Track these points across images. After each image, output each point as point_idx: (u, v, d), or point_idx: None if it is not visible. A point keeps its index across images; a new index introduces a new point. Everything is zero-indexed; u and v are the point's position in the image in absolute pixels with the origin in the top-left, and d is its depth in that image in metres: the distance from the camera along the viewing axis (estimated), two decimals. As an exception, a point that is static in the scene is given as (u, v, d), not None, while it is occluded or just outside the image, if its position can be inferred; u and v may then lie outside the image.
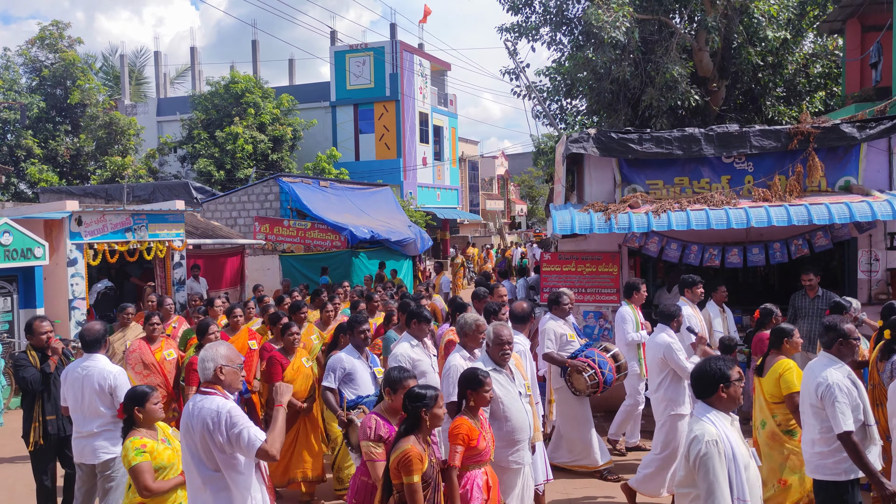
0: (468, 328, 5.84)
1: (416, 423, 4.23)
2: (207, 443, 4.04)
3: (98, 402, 5.57)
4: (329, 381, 6.13)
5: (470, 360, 5.78)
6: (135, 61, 42.39)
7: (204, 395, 4.16)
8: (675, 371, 6.65)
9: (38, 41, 28.00)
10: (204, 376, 4.21)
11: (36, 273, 11.64)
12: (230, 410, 4.06)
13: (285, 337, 7.01)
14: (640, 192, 9.77)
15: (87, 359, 5.69)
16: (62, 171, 27.93)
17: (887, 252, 9.36)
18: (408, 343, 6.40)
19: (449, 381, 5.53)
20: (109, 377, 5.58)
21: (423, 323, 6.45)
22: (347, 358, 6.20)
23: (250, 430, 4.04)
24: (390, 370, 4.90)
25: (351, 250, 17.67)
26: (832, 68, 17.06)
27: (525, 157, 51.05)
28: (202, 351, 4.30)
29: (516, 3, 16.56)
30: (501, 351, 5.39)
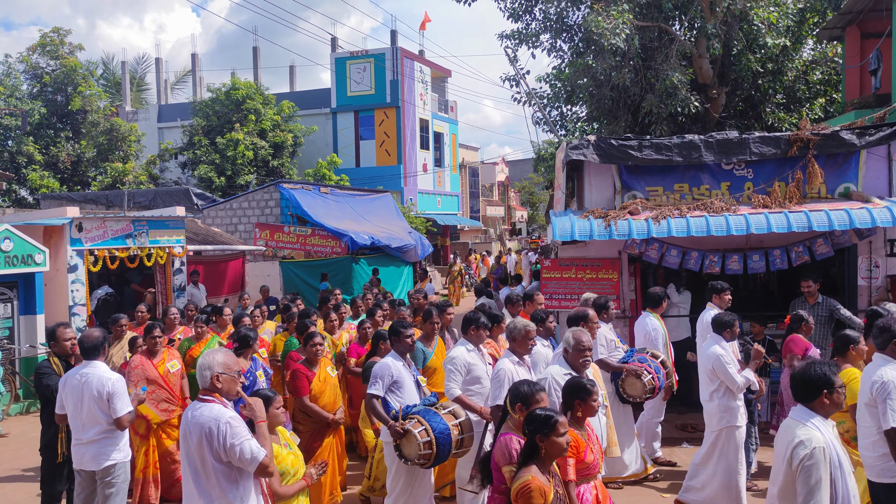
0: (517, 333, 5.69)
1: (536, 450, 3.85)
2: (204, 451, 4.02)
3: (96, 409, 5.53)
4: (376, 389, 5.84)
5: (519, 365, 5.70)
6: (136, 68, 42.53)
7: (203, 402, 4.15)
8: None
9: (40, 48, 28.06)
10: (202, 384, 4.21)
11: (36, 279, 11.65)
12: (230, 420, 4.04)
13: (308, 347, 6.69)
14: (640, 198, 9.79)
15: (85, 366, 5.65)
16: (63, 178, 27.96)
17: (887, 259, 9.36)
18: (464, 347, 6.28)
19: (498, 383, 5.52)
20: (108, 384, 5.54)
21: (480, 329, 6.30)
22: (395, 364, 5.96)
23: (251, 443, 4.02)
24: (520, 384, 4.46)
25: (351, 256, 17.67)
26: (832, 75, 17.09)
27: (525, 164, 51.09)
28: (200, 358, 4.28)
29: (517, 10, 16.62)
30: (582, 357, 5.29)
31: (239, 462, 4.01)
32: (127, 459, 5.75)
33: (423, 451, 5.32)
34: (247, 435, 4.04)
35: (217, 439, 3.98)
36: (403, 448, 5.46)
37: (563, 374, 5.32)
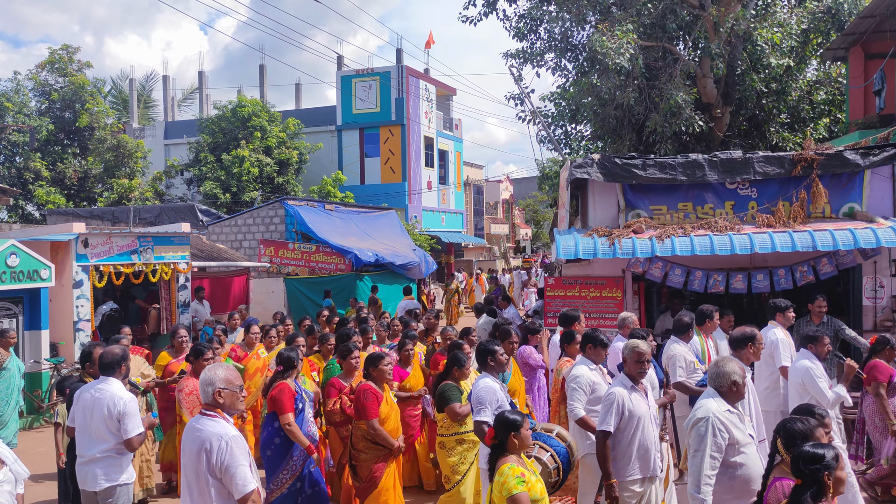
0: (626, 354, 5.37)
1: (821, 492, 3.46)
2: (202, 465, 4.03)
3: (104, 427, 5.42)
4: (485, 415, 5.42)
5: (633, 390, 5.30)
6: (143, 85, 42.83)
7: (205, 416, 4.16)
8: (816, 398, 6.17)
9: (48, 65, 28.30)
10: (204, 399, 4.21)
11: (42, 295, 11.68)
12: (231, 441, 4.04)
13: (379, 368, 6.23)
14: (644, 217, 9.80)
15: (101, 381, 5.56)
16: (69, 194, 28.10)
17: (892, 279, 9.34)
18: (586, 366, 6.03)
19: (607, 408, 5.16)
20: (119, 403, 5.42)
21: (598, 347, 6.08)
22: (496, 387, 5.65)
23: (245, 471, 4.02)
24: (793, 422, 4.03)
25: (355, 273, 17.69)
26: (836, 95, 17.13)
27: (530, 182, 51.18)
28: (203, 373, 4.29)
29: (522, 30, 16.74)
30: (640, 368, 5.21)
31: (228, 485, 4.01)
32: (130, 482, 5.62)
33: (553, 477, 5.07)
34: (244, 462, 4.04)
35: (216, 456, 3.99)
36: None
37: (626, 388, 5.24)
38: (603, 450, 5.12)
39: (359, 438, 6.16)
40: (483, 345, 6.01)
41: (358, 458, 6.16)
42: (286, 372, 6.34)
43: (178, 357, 8.27)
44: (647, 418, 5.25)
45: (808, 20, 15.66)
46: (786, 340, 7.32)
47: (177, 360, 8.24)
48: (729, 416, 4.62)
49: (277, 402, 6.08)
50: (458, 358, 6.24)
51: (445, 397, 6.08)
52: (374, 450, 6.11)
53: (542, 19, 16.43)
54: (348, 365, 6.69)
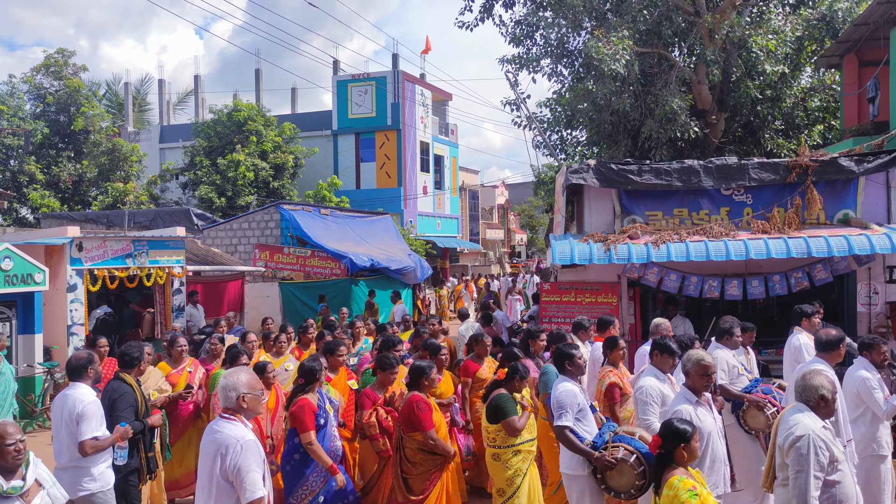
0: (691, 367, 5.08)
1: None
2: (216, 467, 4.04)
3: (66, 432, 5.28)
4: (567, 420, 5.41)
5: (699, 405, 5.07)
6: (138, 89, 42.77)
7: (225, 419, 4.18)
8: None
9: (44, 68, 28.27)
10: (226, 403, 4.21)
11: (35, 298, 11.63)
12: (245, 445, 4.04)
13: (423, 380, 6.07)
14: (640, 222, 9.82)
15: (70, 387, 5.48)
16: (64, 197, 28.04)
17: (886, 285, 9.38)
18: (654, 377, 5.78)
19: None
20: (79, 405, 5.29)
21: (665, 354, 5.84)
22: (577, 391, 5.58)
23: (256, 476, 4.03)
24: None
25: (350, 278, 17.66)
26: (830, 102, 17.21)
27: (525, 187, 51.26)
28: (223, 378, 4.28)
29: (518, 36, 16.77)
30: (706, 382, 4.99)
31: (238, 489, 4.01)
32: (106, 489, 5.42)
33: (639, 480, 4.90)
34: (256, 468, 4.04)
35: (230, 458, 4.00)
36: (612, 479, 5.04)
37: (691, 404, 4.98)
38: None
39: (413, 451, 5.92)
40: (561, 349, 5.92)
41: (412, 472, 5.95)
42: (307, 385, 6.01)
43: (177, 367, 7.79)
44: (715, 433, 5.04)
45: (802, 27, 15.74)
46: (810, 345, 7.18)
47: (177, 370, 7.76)
48: (825, 433, 4.50)
49: (297, 419, 5.83)
50: (519, 369, 6.03)
51: (502, 409, 5.87)
52: (431, 460, 5.93)
53: (539, 25, 16.47)
54: (384, 377, 6.37)
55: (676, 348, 5.87)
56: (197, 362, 8.03)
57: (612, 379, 6.51)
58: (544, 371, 6.76)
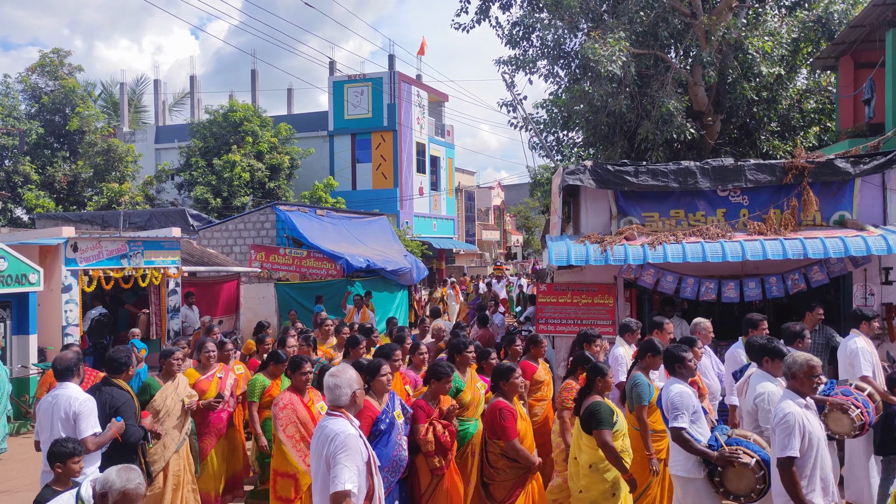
0: (798, 369, 4.88)
1: None
2: (319, 461, 4.19)
3: (61, 430, 5.24)
4: (683, 421, 5.35)
5: (808, 409, 4.88)
6: (134, 89, 42.69)
7: (332, 416, 4.31)
8: None
9: (39, 68, 28.19)
10: (338, 401, 4.33)
11: (30, 299, 11.58)
12: (346, 438, 4.15)
13: (511, 382, 5.85)
14: (636, 224, 9.81)
15: (58, 387, 5.46)
16: (59, 198, 27.94)
17: (882, 287, 9.38)
18: (770, 382, 5.64)
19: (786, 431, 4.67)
20: (75, 403, 5.30)
21: (776, 359, 5.70)
22: (691, 392, 5.50)
23: (349, 472, 4.09)
24: None
25: (346, 279, 17.63)
26: (826, 104, 17.24)
27: (521, 188, 51.30)
28: (333, 377, 4.36)
29: (514, 37, 16.78)
30: (814, 384, 4.84)
31: (330, 476, 4.11)
32: None
33: (759, 484, 4.81)
34: (349, 463, 4.10)
35: (330, 446, 4.14)
36: (730, 482, 4.98)
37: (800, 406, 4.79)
38: (791, 478, 4.63)
39: (496, 457, 5.74)
40: (671, 351, 5.82)
41: (495, 478, 5.75)
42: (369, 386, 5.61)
43: (206, 374, 7.33)
44: (822, 440, 4.85)
45: (798, 29, 15.78)
46: (867, 349, 7.13)
47: (206, 376, 7.31)
48: None
49: None
50: (601, 369, 5.84)
51: (598, 418, 5.60)
52: (515, 469, 5.72)
53: (535, 27, 16.48)
54: (439, 386, 5.94)
55: (787, 351, 5.65)
56: (227, 368, 7.63)
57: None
58: (636, 382, 6.43)
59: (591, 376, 5.83)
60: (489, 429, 5.79)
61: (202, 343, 7.49)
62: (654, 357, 6.41)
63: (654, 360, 6.44)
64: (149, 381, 6.71)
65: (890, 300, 9.35)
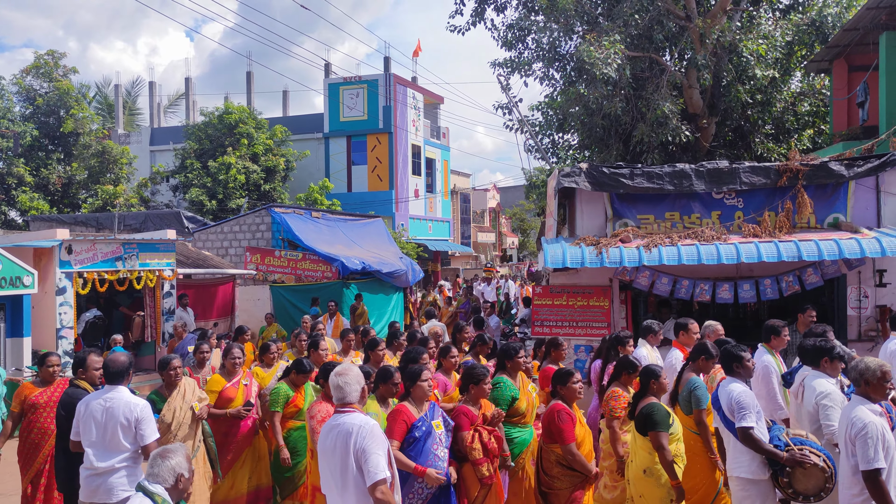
0: (871, 375, 4.76)
1: None
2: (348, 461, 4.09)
3: (122, 435, 5.27)
4: (750, 421, 5.28)
5: (883, 416, 4.75)
6: (129, 91, 42.61)
7: (342, 412, 4.27)
8: None
9: (33, 70, 28.12)
10: (348, 398, 4.30)
11: (24, 301, 11.53)
12: (372, 427, 4.15)
13: (568, 386, 5.75)
14: (632, 226, 9.83)
15: (109, 390, 5.40)
16: (53, 200, 27.87)
17: (876, 289, 9.42)
18: (826, 380, 5.59)
19: (868, 442, 4.54)
20: (136, 409, 5.30)
21: (835, 361, 5.68)
22: (751, 392, 5.50)
23: (381, 460, 4.07)
24: None
25: (342, 281, 17.61)
26: (820, 107, 17.31)
27: (517, 190, 51.32)
28: (340, 375, 4.34)
29: (509, 39, 16.81)
30: (886, 390, 4.73)
31: (364, 468, 4.06)
32: None
33: (829, 483, 4.77)
34: (379, 451, 4.09)
35: (355, 441, 4.09)
36: (798, 482, 4.94)
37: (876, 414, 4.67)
38: (881, 489, 4.50)
39: (552, 464, 5.59)
40: (729, 350, 5.76)
41: (552, 486, 5.59)
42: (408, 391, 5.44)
43: (232, 380, 7.09)
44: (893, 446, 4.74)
45: (792, 32, 15.84)
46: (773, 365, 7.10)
47: (232, 383, 7.07)
48: None
49: (388, 425, 5.24)
50: (654, 371, 5.78)
51: (653, 420, 5.52)
52: (571, 476, 5.54)
53: (531, 29, 16.51)
54: (479, 390, 5.73)
55: (843, 353, 5.71)
56: (251, 374, 7.43)
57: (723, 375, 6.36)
58: (696, 385, 6.27)
59: (645, 379, 5.77)
60: (545, 433, 5.62)
61: (229, 348, 7.25)
62: (707, 360, 6.31)
63: (706, 363, 6.35)
64: (152, 397, 6.47)
65: (884, 302, 9.39)
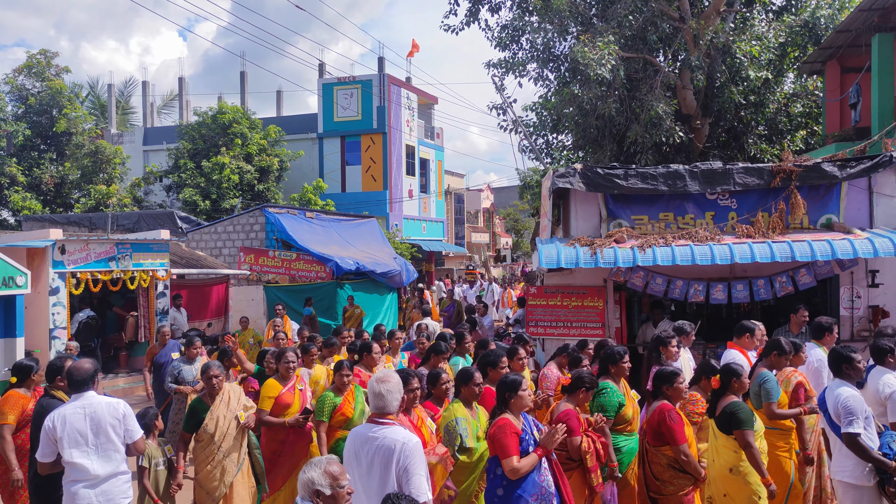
0: None
1: None
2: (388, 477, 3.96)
3: (114, 436, 5.10)
4: (857, 427, 5.19)
5: None
6: (122, 91, 42.48)
7: (380, 423, 4.12)
8: None
9: (26, 69, 28.02)
10: (388, 408, 4.16)
11: (17, 302, 11.47)
12: (417, 446, 4.01)
13: (675, 387, 5.59)
14: (626, 227, 9.86)
15: (79, 398, 5.09)
16: (46, 200, 27.76)
17: (869, 289, 9.47)
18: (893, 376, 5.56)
19: None
20: (119, 406, 5.13)
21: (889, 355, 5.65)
22: (860, 396, 5.37)
23: (422, 480, 3.95)
24: None
25: (336, 282, 17.60)
26: (812, 108, 17.38)
27: (511, 191, 51.37)
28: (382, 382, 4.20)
29: (504, 40, 16.81)
30: None
31: (405, 489, 3.93)
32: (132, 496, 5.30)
33: None
34: (422, 471, 3.97)
35: (398, 459, 3.96)
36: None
37: None
38: None
39: (663, 468, 5.38)
40: (838, 351, 5.67)
41: (663, 490, 5.40)
42: (503, 403, 5.04)
43: (288, 385, 6.76)
44: None
45: (785, 34, 15.90)
46: None
47: (288, 388, 6.73)
48: None
49: (498, 442, 4.80)
50: (735, 370, 5.65)
51: (739, 418, 5.41)
52: (682, 479, 5.37)
53: (525, 30, 16.52)
54: (587, 396, 5.58)
55: None
56: (303, 378, 7.14)
57: (799, 378, 6.33)
58: (766, 379, 6.21)
59: (726, 378, 5.63)
60: (654, 434, 5.44)
61: (283, 352, 6.86)
62: (779, 356, 6.30)
63: (779, 359, 6.33)
64: (194, 405, 6.16)
65: (876, 303, 9.43)
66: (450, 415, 5.47)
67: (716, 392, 5.74)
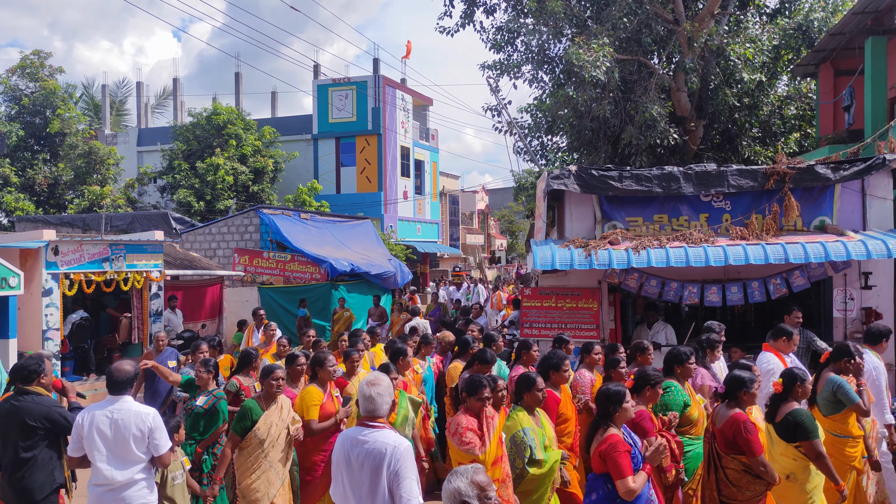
0: None
1: None
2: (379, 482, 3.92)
3: (135, 447, 5.11)
4: None
5: None
6: (116, 91, 42.37)
7: (369, 427, 4.07)
8: None
9: (19, 70, 27.90)
10: (378, 412, 4.12)
11: (10, 303, 11.43)
12: (404, 450, 3.96)
13: (751, 392, 5.35)
14: (620, 228, 9.87)
15: (114, 401, 5.14)
16: (39, 200, 27.65)
17: (862, 291, 9.50)
18: None
19: None
20: (147, 419, 5.13)
21: None
22: None
23: (413, 484, 3.89)
24: None
25: (331, 283, 17.59)
26: (806, 110, 17.45)
27: (506, 192, 51.42)
28: (373, 385, 4.15)
29: (499, 42, 16.85)
30: None
31: (396, 492, 3.87)
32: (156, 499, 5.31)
33: None
34: (413, 476, 3.92)
35: (389, 463, 3.92)
36: None
37: None
38: None
39: (738, 474, 5.22)
40: None
41: (736, 496, 5.26)
42: (607, 416, 4.77)
43: (326, 393, 6.39)
44: None
45: (779, 36, 15.97)
46: None
47: (328, 397, 6.37)
48: None
49: (613, 462, 4.56)
50: (798, 375, 5.49)
51: (805, 428, 5.25)
52: (758, 484, 5.23)
53: (520, 32, 16.56)
54: (654, 393, 5.46)
55: None
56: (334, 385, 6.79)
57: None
58: (840, 383, 5.99)
59: (790, 382, 5.47)
60: (726, 443, 5.26)
61: (323, 358, 6.41)
62: (849, 362, 6.10)
63: (848, 364, 6.13)
64: (250, 405, 5.95)
65: (869, 304, 9.47)
66: (515, 425, 5.28)
67: (777, 397, 5.58)
